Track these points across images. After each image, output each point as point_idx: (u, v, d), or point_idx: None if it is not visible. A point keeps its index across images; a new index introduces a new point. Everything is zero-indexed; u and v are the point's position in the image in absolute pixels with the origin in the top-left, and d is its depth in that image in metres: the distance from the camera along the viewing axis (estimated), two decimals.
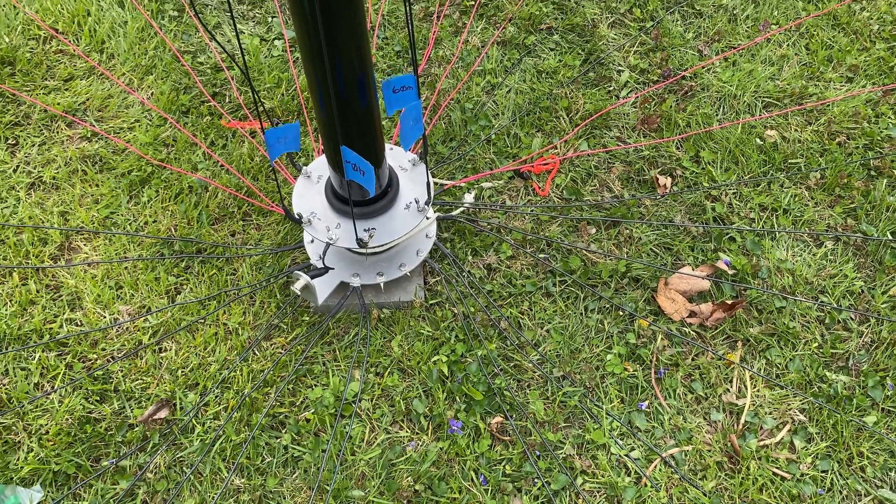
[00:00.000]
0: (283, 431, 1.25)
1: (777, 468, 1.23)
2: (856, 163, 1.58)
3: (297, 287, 1.24)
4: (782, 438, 1.27)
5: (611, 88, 1.70)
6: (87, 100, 1.66)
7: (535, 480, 1.21)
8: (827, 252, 1.47)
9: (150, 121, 1.62)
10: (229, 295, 1.39)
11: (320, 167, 1.30)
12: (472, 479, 1.21)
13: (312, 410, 1.26)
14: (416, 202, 1.25)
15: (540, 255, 1.44)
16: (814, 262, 1.45)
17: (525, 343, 1.35)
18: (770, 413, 1.29)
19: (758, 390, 1.32)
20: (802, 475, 1.23)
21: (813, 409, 1.30)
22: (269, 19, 1.83)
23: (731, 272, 1.42)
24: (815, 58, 1.76)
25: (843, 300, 1.41)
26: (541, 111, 1.64)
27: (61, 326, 1.36)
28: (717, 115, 1.67)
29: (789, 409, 1.30)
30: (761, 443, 1.26)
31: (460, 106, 1.64)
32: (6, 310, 1.36)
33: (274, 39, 1.78)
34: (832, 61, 1.76)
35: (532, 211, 1.50)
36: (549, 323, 1.37)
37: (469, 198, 1.46)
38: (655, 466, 1.24)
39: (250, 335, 1.34)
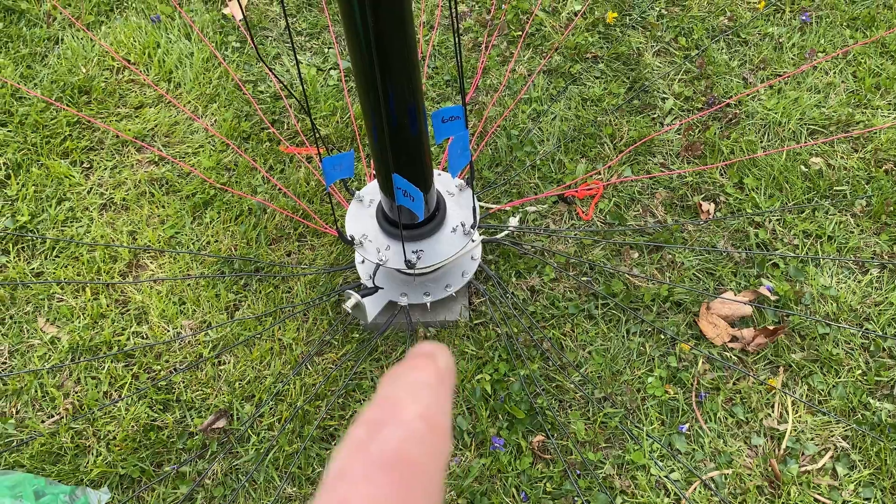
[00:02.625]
0: (333, 443, 1.31)
1: (819, 494, 1.24)
2: None
3: (348, 305, 1.30)
4: (824, 465, 1.27)
5: (655, 116, 1.74)
6: (156, 126, 1.77)
7: (575, 499, 1.24)
8: (872, 279, 1.47)
9: (214, 146, 1.72)
10: (284, 312, 1.46)
11: (372, 192, 1.37)
12: (514, 496, 1.25)
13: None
14: (463, 226, 1.30)
15: (583, 279, 1.48)
16: (858, 290, 1.46)
17: (567, 364, 1.39)
18: (812, 439, 1.30)
19: (800, 416, 1.32)
20: (845, 502, 1.23)
21: (856, 436, 1.30)
22: (326, 50, 1.92)
23: (773, 298, 1.44)
24: (863, 85, 1.77)
25: (889, 328, 1.41)
26: (585, 138, 1.69)
27: (129, 339, 1.45)
28: (761, 142, 1.68)
29: (832, 436, 1.30)
30: (803, 468, 1.27)
31: (506, 133, 1.70)
32: (79, 322, 1.46)
33: (330, 69, 1.87)
34: (880, 89, 1.77)
35: (575, 235, 1.55)
36: (591, 345, 1.41)
37: (514, 221, 1.51)
38: (695, 489, 1.25)
39: (303, 350, 1.41)
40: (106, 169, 1.70)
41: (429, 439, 0.29)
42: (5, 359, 1.43)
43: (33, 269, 1.55)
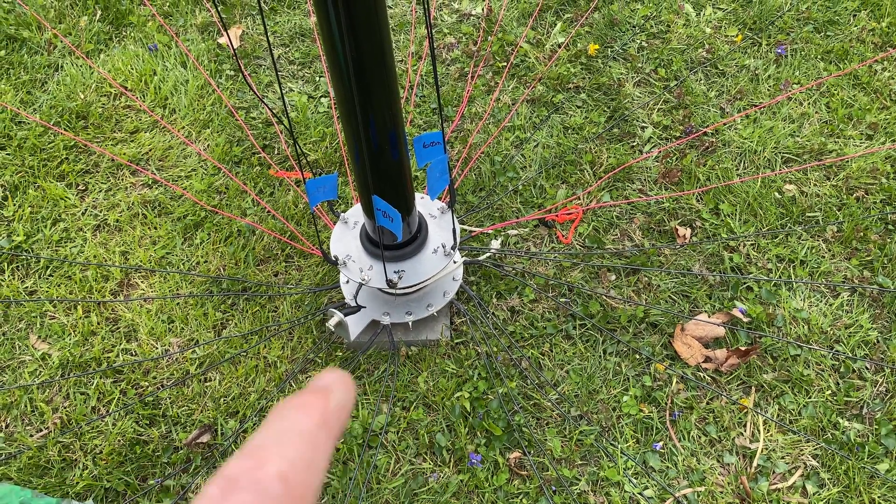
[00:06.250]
0: None
1: None
2: (873, 217, 1.62)
3: (331, 324, 1.34)
4: (794, 483, 1.30)
5: (634, 143, 1.79)
6: (150, 150, 1.82)
7: None
8: (843, 303, 1.51)
9: (206, 170, 1.77)
10: (270, 330, 1.50)
11: (356, 214, 1.42)
12: None
13: (342, 440, 1.35)
14: (444, 247, 1.35)
15: (561, 300, 1.52)
16: (829, 313, 1.50)
17: (545, 383, 1.42)
18: (782, 457, 1.33)
19: (771, 435, 1.36)
20: None
21: (826, 455, 1.33)
22: (317, 78, 1.98)
23: (746, 320, 1.48)
24: (835, 116, 1.83)
25: (858, 350, 1.45)
26: (566, 164, 1.74)
27: (118, 356, 1.48)
28: (737, 169, 1.74)
29: (802, 455, 1.33)
30: (773, 486, 1.30)
31: (490, 159, 1.75)
32: (70, 339, 1.50)
33: (320, 97, 1.93)
34: (852, 119, 1.83)
35: (555, 257, 1.59)
36: (569, 364, 1.44)
37: (495, 244, 1.56)
38: None
39: (288, 368, 1.45)
40: (101, 191, 1.75)
41: None
42: None
43: (27, 287, 1.59)
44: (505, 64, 1.97)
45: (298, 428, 0.31)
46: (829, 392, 1.40)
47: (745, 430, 1.37)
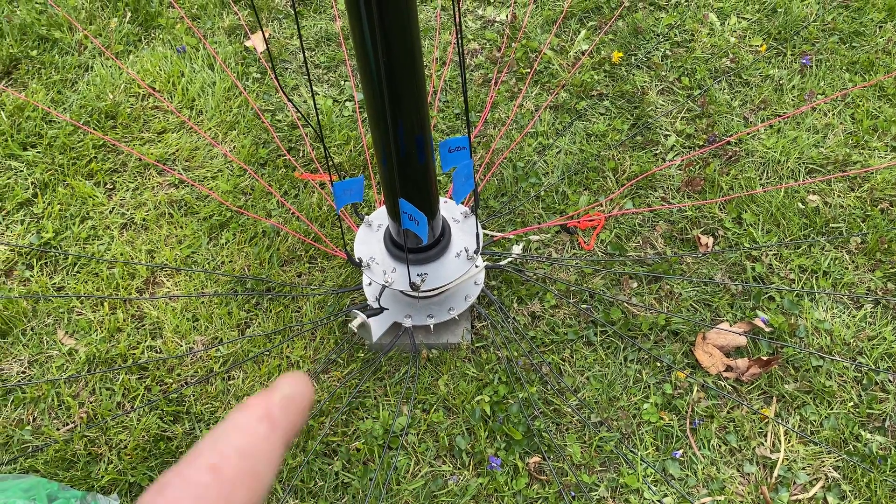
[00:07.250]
0: (335, 459, 1.36)
1: None
2: None
3: (354, 325, 1.36)
4: (815, 494, 1.30)
5: (657, 151, 1.80)
6: (177, 151, 1.85)
7: None
8: (866, 314, 1.51)
9: (232, 171, 1.79)
10: (293, 330, 1.51)
11: (381, 217, 1.43)
12: None
13: (363, 441, 1.36)
14: (466, 251, 1.36)
15: (582, 306, 1.53)
16: (852, 324, 1.49)
17: (565, 388, 1.43)
18: (803, 468, 1.33)
19: (792, 445, 1.35)
20: None
21: (847, 466, 1.32)
22: (342, 82, 2.00)
23: (768, 330, 1.47)
24: (860, 127, 1.82)
25: (882, 362, 1.44)
26: (588, 171, 1.75)
27: (143, 352, 1.50)
28: (760, 179, 1.73)
29: (823, 466, 1.33)
30: (794, 497, 1.30)
31: (512, 164, 1.76)
32: (97, 335, 1.52)
33: (345, 101, 1.95)
34: (877, 130, 1.82)
35: (577, 264, 1.59)
36: (589, 370, 1.45)
37: (517, 249, 1.56)
38: None
39: (310, 368, 1.46)
40: (128, 190, 1.78)
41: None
42: (25, 368, 1.49)
43: (55, 283, 1.61)
44: (528, 70, 1.98)
45: (234, 424, 0.31)
46: (852, 404, 1.39)
47: (765, 440, 1.36)
